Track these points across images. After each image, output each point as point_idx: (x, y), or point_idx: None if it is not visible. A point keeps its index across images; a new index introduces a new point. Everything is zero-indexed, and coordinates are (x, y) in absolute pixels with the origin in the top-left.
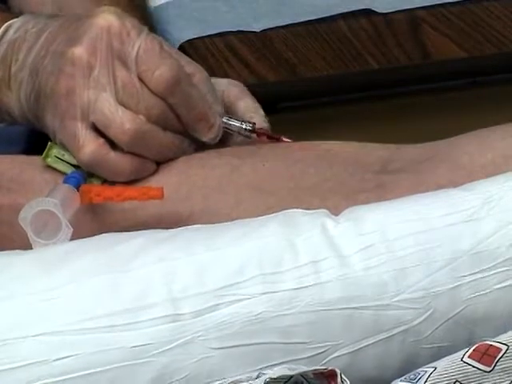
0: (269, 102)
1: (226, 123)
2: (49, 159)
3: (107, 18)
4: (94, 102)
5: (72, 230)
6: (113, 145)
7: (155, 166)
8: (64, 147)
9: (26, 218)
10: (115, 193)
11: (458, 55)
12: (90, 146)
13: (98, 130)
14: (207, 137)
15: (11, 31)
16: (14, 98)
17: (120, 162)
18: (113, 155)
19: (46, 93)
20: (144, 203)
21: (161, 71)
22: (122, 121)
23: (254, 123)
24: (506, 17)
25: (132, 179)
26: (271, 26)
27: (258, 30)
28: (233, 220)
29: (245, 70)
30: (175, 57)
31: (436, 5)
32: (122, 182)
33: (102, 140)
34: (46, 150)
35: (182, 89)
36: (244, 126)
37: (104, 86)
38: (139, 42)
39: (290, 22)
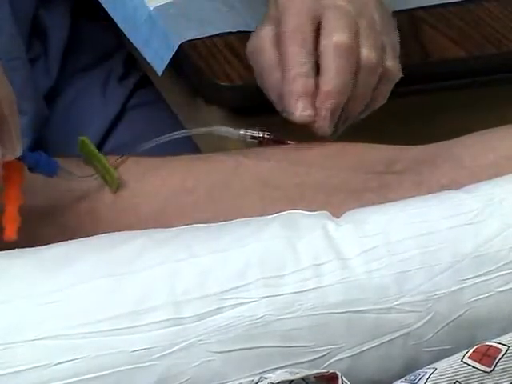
0: (269, 101)
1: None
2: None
3: None
4: None
5: None
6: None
7: None
8: None
9: None
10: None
11: (458, 55)
12: None
13: None
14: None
15: None
16: None
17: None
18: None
19: None
20: (146, 198)
21: None
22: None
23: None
24: (506, 17)
25: None
26: None
27: None
28: (238, 210)
29: (245, 70)
30: None
31: (436, 5)
32: None
33: None
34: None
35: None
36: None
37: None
38: None
39: None
